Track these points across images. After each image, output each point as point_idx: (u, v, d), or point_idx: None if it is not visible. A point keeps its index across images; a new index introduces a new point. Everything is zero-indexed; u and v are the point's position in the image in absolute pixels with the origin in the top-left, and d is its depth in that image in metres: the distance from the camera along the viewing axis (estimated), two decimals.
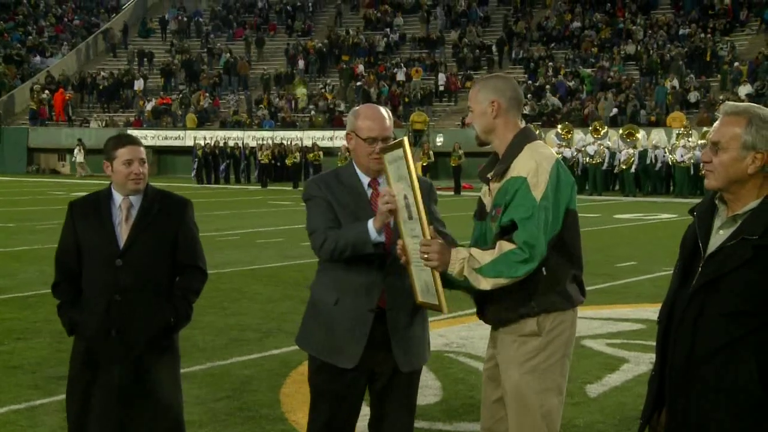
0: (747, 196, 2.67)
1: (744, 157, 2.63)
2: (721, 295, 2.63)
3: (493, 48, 42.61)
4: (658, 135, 29.33)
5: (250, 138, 38.54)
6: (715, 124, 2.73)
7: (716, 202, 2.77)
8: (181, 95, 44.61)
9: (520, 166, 3.36)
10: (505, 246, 3.29)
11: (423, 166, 30.01)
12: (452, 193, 28.26)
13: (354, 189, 3.74)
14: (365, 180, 3.77)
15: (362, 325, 3.65)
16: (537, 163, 3.34)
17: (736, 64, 35.68)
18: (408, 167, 3.23)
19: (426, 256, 3.28)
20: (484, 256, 3.29)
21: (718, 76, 36.14)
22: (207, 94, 44.41)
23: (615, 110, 34.34)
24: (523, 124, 3.53)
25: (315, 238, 3.70)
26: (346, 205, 3.71)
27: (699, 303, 2.67)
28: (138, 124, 42.59)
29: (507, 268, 3.27)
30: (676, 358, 2.71)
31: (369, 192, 3.76)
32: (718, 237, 2.71)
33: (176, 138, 40.91)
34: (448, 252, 3.29)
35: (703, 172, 2.76)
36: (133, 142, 3.97)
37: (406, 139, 3.27)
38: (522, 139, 3.43)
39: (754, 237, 2.59)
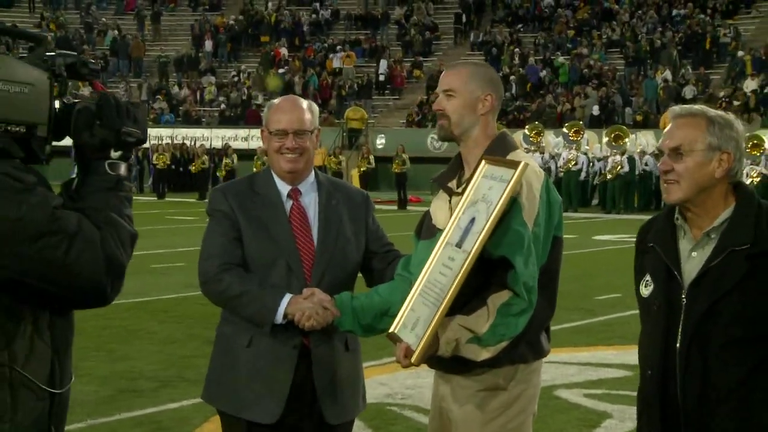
0: (715, 207, 2.84)
1: (710, 160, 2.83)
2: (722, 324, 2.72)
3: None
4: (645, 138, 29.51)
5: None
6: (667, 129, 2.92)
7: (676, 222, 2.91)
8: None
9: None
10: (497, 300, 3.25)
11: (361, 174, 30.04)
12: (395, 207, 28.33)
13: (269, 201, 3.77)
14: (284, 189, 3.80)
15: (283, 369, 3.66)
16: (526, 180, 3.27)
17: (740, 53, 36.45)
18: (502, 196, 3.16)
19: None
20: (479, 323, 3.24)
21: (727, 65, 36.50)
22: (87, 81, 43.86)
23: (596, 108, 34.79)
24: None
25: (205, 269, 3.73)
26: (258, 220, 3.73)
27: (700, 339, 2.75)
28: None
29: (508, 327, 3.24)
30: (688, 406, 2.79)
31: (288, 204, 3.78)
32: (693, 261, 2.83)
33: None
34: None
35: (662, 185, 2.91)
36: None
37: (524, 165, 3.19)
38: (502, 148, 3.42)
39: (744, 246, 2.72)
